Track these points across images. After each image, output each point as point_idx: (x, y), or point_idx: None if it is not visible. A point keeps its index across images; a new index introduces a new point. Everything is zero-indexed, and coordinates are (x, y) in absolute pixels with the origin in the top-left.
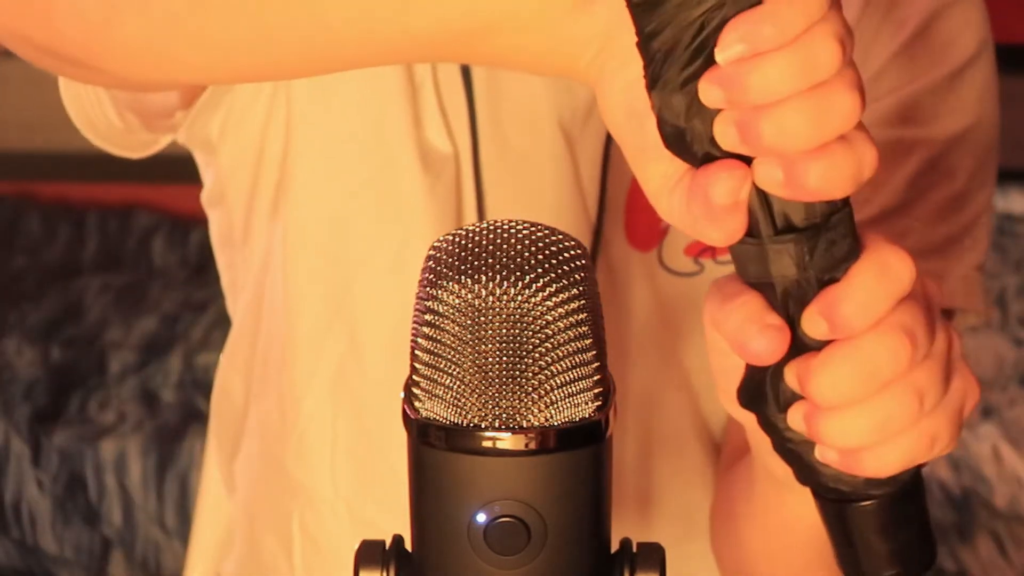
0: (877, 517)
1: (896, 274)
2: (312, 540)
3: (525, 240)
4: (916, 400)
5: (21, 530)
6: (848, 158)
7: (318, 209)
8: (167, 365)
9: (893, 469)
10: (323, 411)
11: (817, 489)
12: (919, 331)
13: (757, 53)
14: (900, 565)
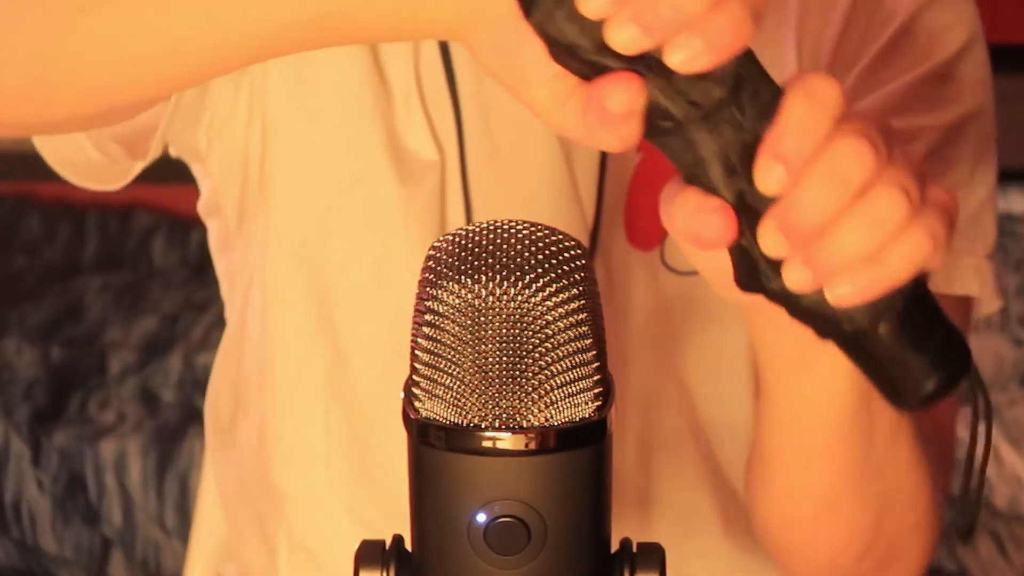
0: (901, 333)
1: (823, 92)
2: (307, 551)
3: (525, 240)
4: (901, 193)
5: (21, 530)
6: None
7: (296, 218)
8: (167, 365)
9: (904, 273)
10: (314, 420)
11: (839, 335)
12: (874, 135)
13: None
14: (938, 372)
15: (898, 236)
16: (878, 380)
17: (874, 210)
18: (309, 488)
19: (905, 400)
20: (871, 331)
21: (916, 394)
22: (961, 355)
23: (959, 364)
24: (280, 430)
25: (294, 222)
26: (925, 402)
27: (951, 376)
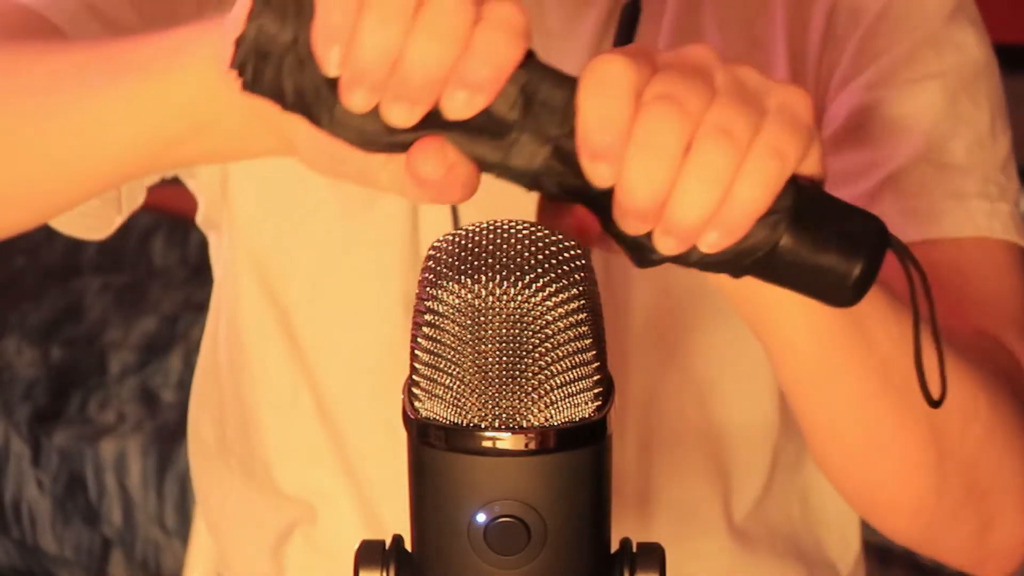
0: (804, 239)
1: (610, 75)
2: (326, 554)
3: (525, 240)
4: (723, 136)
5: (21, 530)
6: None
7: (256, 236)
8: (167, 365)
9: (762, 200)
10: (308, 429)
11: (746, 268)
12: (677, 88)
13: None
14: (857, 257)
15: (739, 172)
16: (808, 290)
17: (700, 164)
18: (323, 494)
19: (840, 296)
20: (773, 252)
21: (846, 286)
22: (875, 233)
23: (876, 242)
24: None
25: (253, 239)
26: (859, 289)
27: (871, 256)
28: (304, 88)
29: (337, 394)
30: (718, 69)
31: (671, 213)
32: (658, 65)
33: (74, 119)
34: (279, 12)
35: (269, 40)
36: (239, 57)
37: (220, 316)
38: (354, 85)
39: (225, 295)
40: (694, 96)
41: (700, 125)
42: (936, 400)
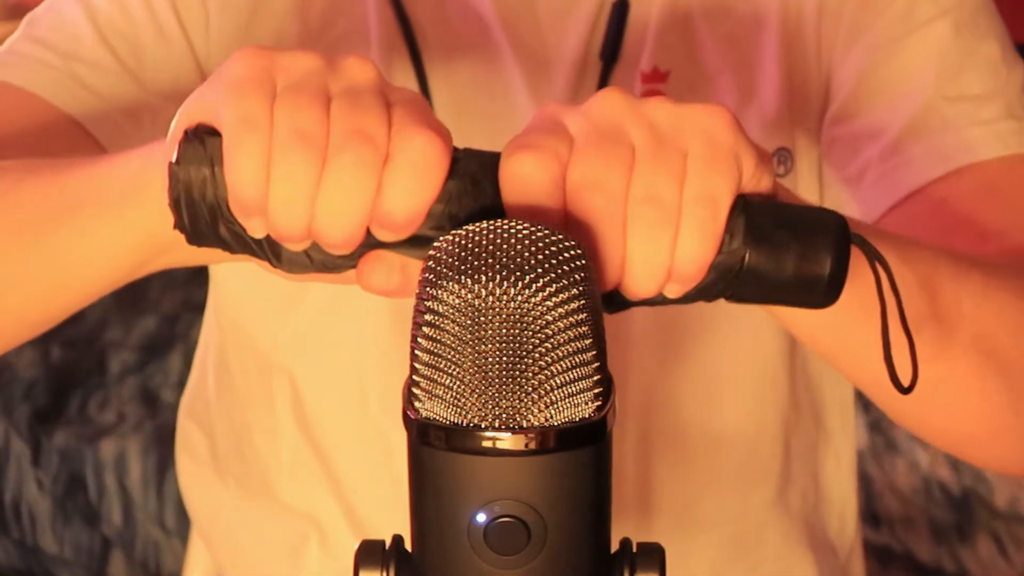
0: (763, 261)
1: (520, 177)
2: (334, 558)
3: (525, 240)
4: (652, 205)
5: (21, 530)
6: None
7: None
8: (167, 365)
9: (711, 246)
10: (297, 440)
11: (720, 293)
12: (595, 169)
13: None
14: (823, 256)
15: (678, 231)
16: (786, 301)
17: (640, 239)
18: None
19: (817, 300)
20: (738, 277)
21: (819, 291)
22: (836, 232)
23: (838, 241)
24: (274, 450)
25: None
26: (833, 288)
27: (836, 257)
28: (244, 238)
29: (325, 415)
30: (630, 122)
31: (628, 284)
32: (570, 135)
33: (47, 252)
34: (199, 176)
35: (195, 205)
36: (177, 220)
37: (211, 338)
38: (284, 240)
39: (213, 320)
40: (614, 173)
41: (628, 200)
42: (906, 387)
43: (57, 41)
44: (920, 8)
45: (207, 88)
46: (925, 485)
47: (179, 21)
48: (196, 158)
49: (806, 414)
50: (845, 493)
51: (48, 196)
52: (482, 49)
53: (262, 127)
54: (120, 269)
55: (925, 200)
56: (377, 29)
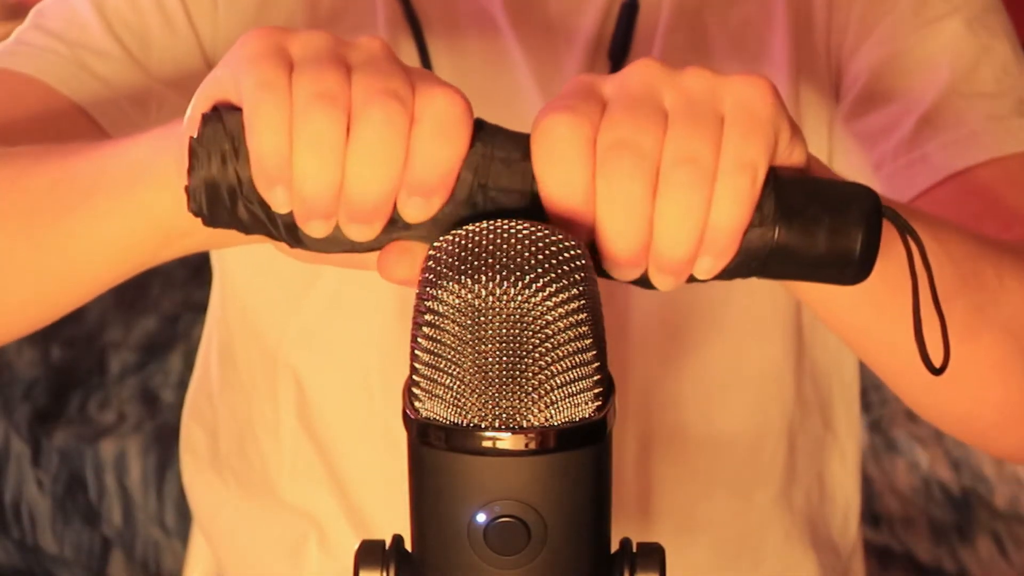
0: (799, 226)
1: (552, 135)
2: (334, 558)
3: (525, 240)
4: (687, 166)
5: (21, 530)
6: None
7: (246, 260)
8: (167, 365)
9: (746, 214)
10: (303, 450)
11: (755, 269)
12: (628, 130)
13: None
14: (855, 230)
15: (713, 196)
16: (818, 277)
17: (673, 202)
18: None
19: (849, 275)
20: (770, 253)
21: (852, 266)
22: (868, 206)
23: (870, 215)
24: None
25: (240, 262)
26: (864, 265)
27: (868, 231)
28: (262, 219)
29: (329, 412)
30: (665, 88)
31: (658, 256)
32: (604, 100)
33: (58, 240)
34: (218, 155)
35: (215, 187)
36: (193, 204)
37: (214, 333)
38: (307, 218)
39: (218, 314)
40: (647, 134)
41: (661, 162)
42: (938, 368)
43: (65, 30)
44: (931, 4)
45: (221, 68)
46: (925, 485)
47: (186, 12)
48: (216, 134)
49: (813, 413)
50: (849, 493)
51: (59, 182)
52: (490, 45)
53: (282, 90)
54: (133, 255)
55: (940, 196)
56: (385, 25)
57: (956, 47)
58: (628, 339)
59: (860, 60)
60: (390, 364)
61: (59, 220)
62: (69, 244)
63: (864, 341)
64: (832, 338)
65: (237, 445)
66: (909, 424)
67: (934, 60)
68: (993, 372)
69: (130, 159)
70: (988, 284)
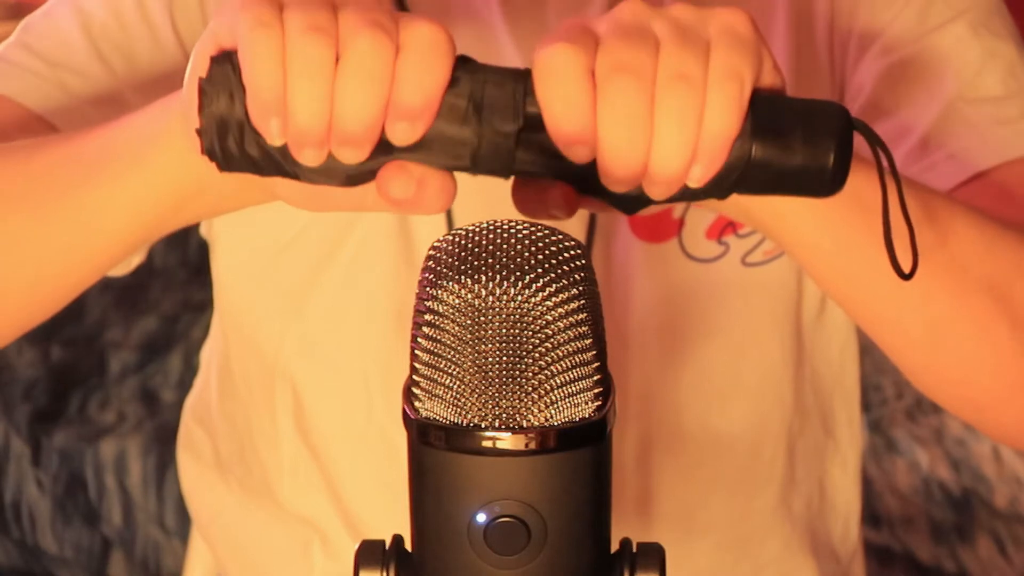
0: (774, 141)
1: (553, 61)
2: (337, 561)
3: (525, 240)
4: (680, 80)
5: (21, 530)
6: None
7: (244, 267)
8: (167, 365)
9: (737, 120)
10: (297, 447)
11: (732, 185)
12: (624, 54)
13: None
14: (828, 145)
15: (705, 106)
16: (793, 190)
17: (669, 114)
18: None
19: (823, 187)
20: (748, 165)
21: (825, 176)
22: (839, 120)
23: (842, 129)
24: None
25: (238, 268)
26: (837, 176)
27: (840, 144)
28: (270, 153)
29: (327, 421)
30: (654, 18)
31: (656, 167)
32: (599, 34)
33: (68, 214)
34: (226, 93)
35: (224, 123)
36: (205, 146)
37: (216, 343)
38: (301, 147)
39: (216, 326)
40: (641, 55)
41: (656, 80)
42: (907, 273)
43: (48, 50)
44: (935, 10)
45: (215, 21)
46: (925, 485)
47: (175, 30)
48: (224, 73)
49: (814, 420)
50: (850, 500)
51: (65, 159)
52: (486, 48)
53: (275, 26)
54: (143, 222)
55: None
56: None
57: (961, 53)
58: (628, 340)
59: (864, 68)
60: (389, 371)
61: (66, 195)
62: (79, 217)
63: (835, 276)
64: (834, 347)
65: (238, 452)
66: (909, 424)
67: (940, 67)
68: (978, 332)
69: (134, 129)
70: (969, 242)
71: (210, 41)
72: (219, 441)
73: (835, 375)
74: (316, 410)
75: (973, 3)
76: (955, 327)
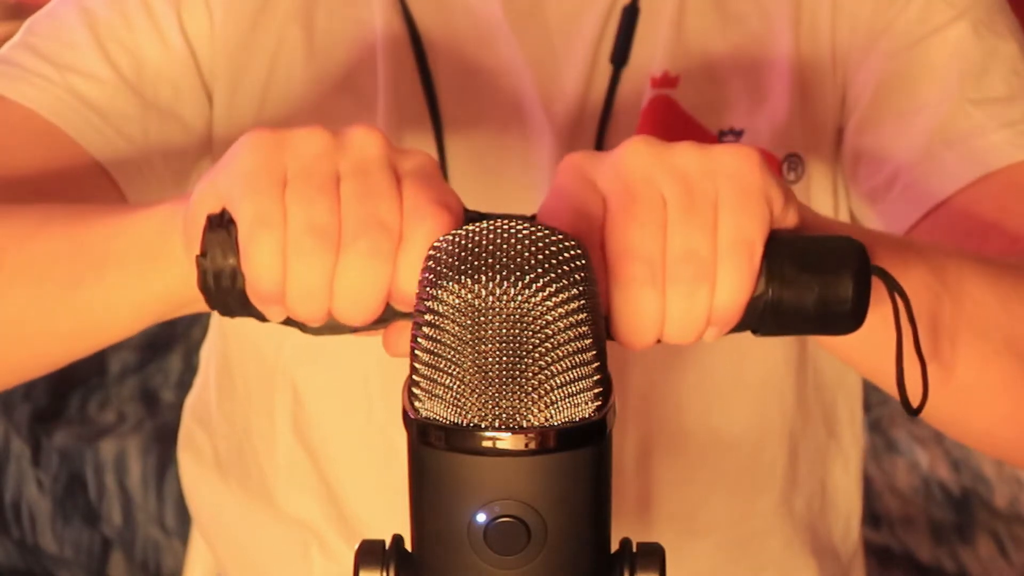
0: (789, 294)
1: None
2: (337, 563)
3: (525, 240)
4: (689, 260)
5: (21, 530)
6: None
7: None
8: (167, 365)
9: (748, 287)
10: (294, 450)
11: (755, 327)
12: (632, 235)
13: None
14: (846, 283)
15: (716, 279)
16: (813, 330)
17: (680, 295)
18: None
19: (843, 326)
20: (768, 310)
21: (845, 317)
22: (855, 259)
23: (859, 268)
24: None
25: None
26: (856, 316)
27: (858, 284)
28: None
29: (326, 424)
30: (660, 176)
31: (669, 338)
32: (604, 193)
33: (69, 308)
34: (225, 268)
35: (225, 290)
36: (208, 300)
37: (215, 345)
38: (305, 321)
39: (216, 327)
40: (650, 239)
41: (666, 259)
42: (915, 408)
43: (55, 52)
44: (936, 10)
45: (219, 175)
46: (925, 485)
47: (182, 29)
48: (221, 247)
49: (816, 421)
50: (852, 501)
51: (68, 252)
52: (490, 52)
53: (276, 223)
54: (142, 321)
55: (957, 205)
56: (383, 34)
57: (963, 53)
58: None
59: (866, 71)
60: (388, 372)
61: (68, 290)
62: (79, 311)
63: (866, 372)
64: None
65: (236, 455)
66: (909, 424)
67: (943, 68)
68: (1002, 392)
69: (140, 235)
70: (986, 307)
71: (211, 198)
72: (218, 442)
73: (838, 375)
74: (316, 411)
75: (973, 4)
76: (980, 390)
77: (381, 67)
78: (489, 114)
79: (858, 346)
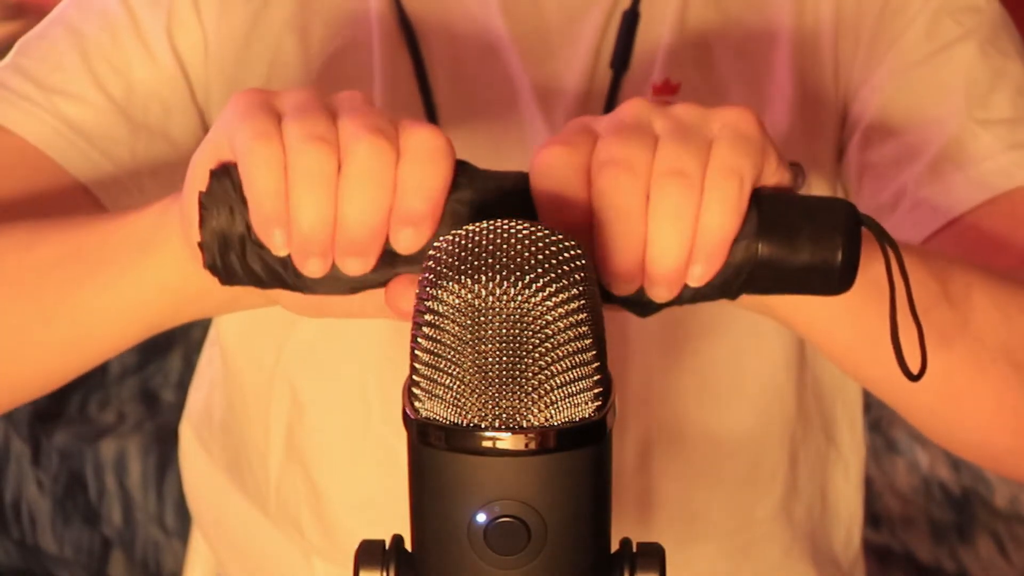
0: (780, 240)
1: (548, 160)
2: (338, 564)
3: (525, 240)
4: (676, 176)
5: (21, 530)
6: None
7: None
8: (167, 365)
9: (735, 219)
10: (284, 463)
11: (740, 286)
12: (619, 150)
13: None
14: (835, 242)
15: (702, 203)
16: (802, 290)
17: (663, 210)
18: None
19: (832, 286)
20: (755, 267)
21: (833, 276)
22: (847, 218)
23: (850, 227)
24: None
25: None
26: (846, 276)
27: (848, 243)
28: (272, 266)
29: (325, 430)
30: (655, 116)
31: (653, 266)
32: (598, 133)
33: (67, 315)
34: (226, 208)
35: (226, 238)
36: (207, 261)
37: (214, 347)
38: (305, 257)
39: (214, 334)
40: (635, 151)
41: (651, 175)
42: (915, 374)
43: (44, 74)
44: (942, 28)
45: (214, 131)
46: (925, 485)
47: (173, 47)
48: (223, 187)
49: (815, 428)
50: (852, 508)
51: (64, 257)
52: (488, 57)
53: (274, 137)
54: (143, 323)
55: (963, 226)
56: (380, 40)
57: (969, 72)
58: (628, 340)
59: (871, 86)
60: (387, 377)
61: (68, 294)
62: (79, 316)
63: (853, 359)
64: None
65: (233, 459)
66: (909, 424)
67: (949, 87)
68: (997, 401)
69: (134, 232)
70: (984, 312)
71: (209, 152)
72: (217, 446)
73: (837, 381)
74: (313, 421)
75: (978, 23)
76: (973, 397)
77: (378, 74)
78: (487, 122)
79: (842, 322)
